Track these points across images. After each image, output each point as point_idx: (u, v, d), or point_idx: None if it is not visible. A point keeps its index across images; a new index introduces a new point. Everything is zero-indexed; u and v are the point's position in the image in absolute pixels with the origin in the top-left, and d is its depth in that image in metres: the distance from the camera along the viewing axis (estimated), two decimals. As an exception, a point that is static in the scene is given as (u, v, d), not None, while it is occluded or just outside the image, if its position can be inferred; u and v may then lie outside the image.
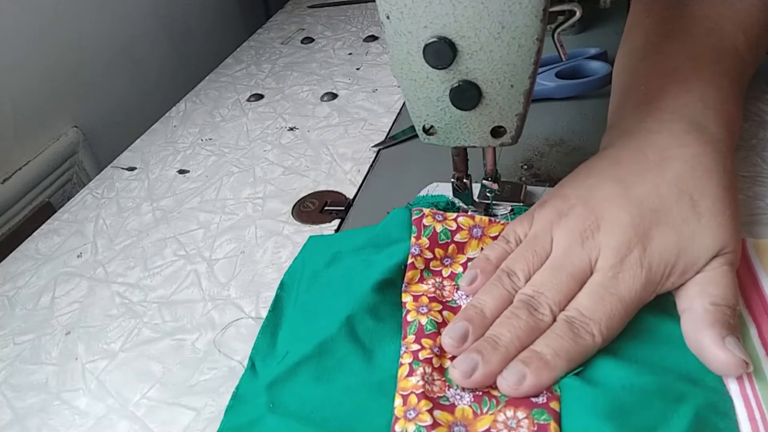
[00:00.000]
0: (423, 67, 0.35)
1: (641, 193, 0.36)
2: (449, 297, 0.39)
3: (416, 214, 0.42)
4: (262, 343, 0.38)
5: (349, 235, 0.45)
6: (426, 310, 0.37)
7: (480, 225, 0.41)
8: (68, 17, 0.73)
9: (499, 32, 0.33)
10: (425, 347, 0.34)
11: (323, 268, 0.42)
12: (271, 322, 0.40)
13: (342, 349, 0.36)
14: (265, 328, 0.39)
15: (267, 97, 0.71)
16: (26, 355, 0.42)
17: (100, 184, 0.60)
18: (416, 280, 0.40)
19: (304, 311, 0.39)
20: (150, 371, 0.39)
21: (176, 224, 0.52)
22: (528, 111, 0.37)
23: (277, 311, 0.41)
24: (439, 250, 0.41)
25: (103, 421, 0.37)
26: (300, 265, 0.43)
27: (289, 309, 0.40)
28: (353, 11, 0.92)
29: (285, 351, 0.37)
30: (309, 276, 0.42)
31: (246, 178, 0.57)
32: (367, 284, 0.39)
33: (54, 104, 0.72)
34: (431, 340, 0.35)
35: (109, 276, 0.48)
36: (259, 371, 0.36)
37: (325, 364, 0.35)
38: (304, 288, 0.41)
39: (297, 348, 0.36)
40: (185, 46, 0.95)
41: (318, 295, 0.40)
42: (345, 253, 0.42)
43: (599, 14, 0.74)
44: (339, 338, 0.36)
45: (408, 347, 0.35)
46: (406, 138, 0.58)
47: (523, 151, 0.53)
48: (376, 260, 0.41)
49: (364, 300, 0.38)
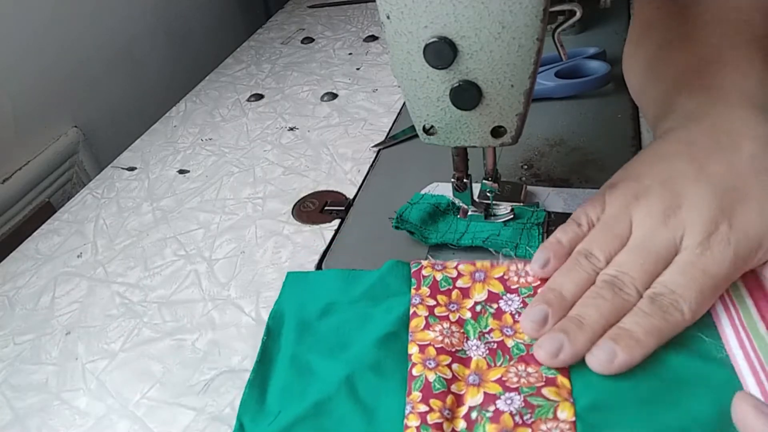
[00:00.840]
0: (423, 67, 0.35)
1: (718, 171, 0.36)
2: (459, 346, 0.36)
3: (415, 266, 0.41)
4: (250, 400, 0.35)
5: (335, 277, 0.42)
6: (434, 364, 0.35)
7: (482, 269, 0.40)
8: (68, 17, 0.73)
9: (499, 32, 0.33)
10: (434, 409, 0.32)
11: (315, 320, 0.39)
12: (259, 375, 0.37)
13: (341, 409, 0.33)
14: (252, 381, 0.36)
15: (267, 97, 0.71)
16: (26, 355, 0.42)
17: (100, 184, 0.60)
18: (421, 328, 0.37)
19: (295, 366, 0.37)
20: (150, 371, 0.39)
21: (176, 224, 0.52)
22: (528, 111, 0.37)
23: (265, 363, 0.37)
24: (442, 296, 0.39)
25: (103, 421, 0.37)
26: (285, 308, 0.41)
27: (279, 362, 0.38)
28: (353, 11, 0.92)
29: (277, 410, 0.34)
30: (299, 326, 0.39)
31: (246, 178, 0.57)
32: (367, 339, 0.37)
33: (54, 104, 0.72)
34: (440, 401, 0.33)
35: (109, 276, 0.48)
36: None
37: (323, 424, 0.33)
38: (293, 339, 0.38)
39: (290, 407, 0.34)
40: (185, 46, 0.95)
41: (311, 348, 0.38)
42: (339, 305, 0.40)
43: (599, 14, 0.74)
44: (338, 397, 0.34)
45: (414, 407, 0.33)
46: (406, 138, 0.58)
47: (523, 151, 0.53)
48: (373, 314, 0.39)
49: (365, 355, 0.36)
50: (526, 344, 0.35)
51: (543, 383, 0.32)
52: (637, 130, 0.53)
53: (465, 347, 0.36)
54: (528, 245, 0.42)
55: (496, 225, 0.44)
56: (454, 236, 0.44)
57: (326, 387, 0.35)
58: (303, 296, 0.41)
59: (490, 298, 0.39)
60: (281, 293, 0.42)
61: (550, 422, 0.30)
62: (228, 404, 0.36)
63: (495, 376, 0.33)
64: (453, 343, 0.36)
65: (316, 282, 0.42)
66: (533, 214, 0.44)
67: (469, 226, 0.45)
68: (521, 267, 0.40)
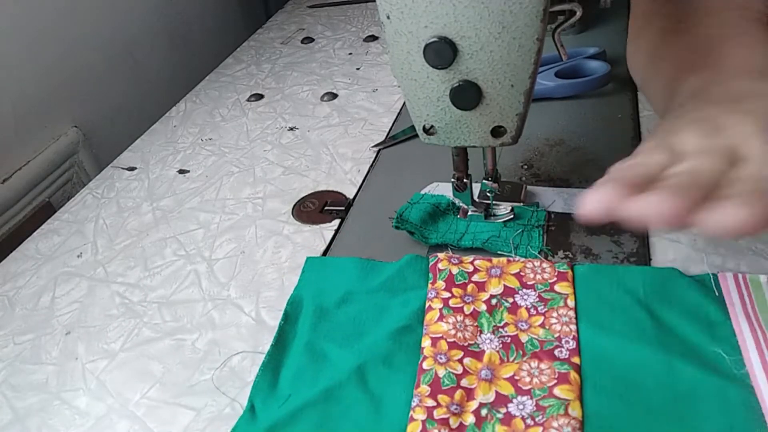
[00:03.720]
0: (423, 67, 0.35)
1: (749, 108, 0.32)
2: (471, 340, 0.36)
3: (432, 259, 0.41)
4: (263, 382, 0.36)
5: (354, 265, 0.43)
6: (445, 359, 0.35)
7: (498, 265, 0.40)
8: (68, 17, 0.73)
9: (499, 32, 0.33)
10: (441, 405, 0.32)
11: (333, 308, 0.40)
12: (273, 358, 0.37)
13: (350, 397, 0.34)
14: (266, 364, 0.37)
15: (267, 97, 0.71)
16: (26, 355, 0.42)
17: (100, 184, 0.60)
18: (435, 320, 0.37)
19: (310, 352, 0.37)
20: (150, 371, 0.39)
21: (176, 224, 0.52)
22: (528, 111, 0.37)
23: (280, 347, 0.38)
24: (457, 289, 0.39)
25: (103, 421, 0.36)
26: (303, 294, 0.42)
27: (294, 347, 0.38)
28: (353, 11, 0.92)
29: (287, 393, 0.35)
30: (316, 312, 0.40)
31: (246, 178, 0.57)
32: (381, 330, 0.37)
33: (54, 104, 0.72)
34: (448, 397, 0.33)
35: (109, 276, 0.48)
36: (259, 414, 0.34)
37: (330, 411, 0.34)
38: (310, 325, 0.39)
39: (301, 391, 0.35)
40: (185, 46, 0.95)
41: (326, 336, 0.38)
42: (357, 294, 0.41)
43: (599, 14, 0.74)
44: (348, 385, 0.34)
45: (422, 400, 0.33)
46: (406, 138, 0.58)
47: (523, 151, 0.53)
48: (390, 306, 0.39)
49: (378, 346, 0.36)
50: (540, 340, 0.35)
51: (555, 381, 0.32)
52: (637, 130, 0.53)
53: (478, 341, 0.36)
54: (529, 245, 0.42)
55: (496, 225, 0.44)
56: (455, 237, 0.44)
57: (337, 374, 0.35)
58: (322, 282, 0.42)
59: (506, 293, 0.39)
60: (300, 278, 0.43)
61: (561, 418, 0.31)
62: (228, 404, 0.36)
63: (507, 373, 0.34)
64: (466, 337, 0.36)
65: (335, 268, 0.43)
66: (533, 214, 0.44)
67: (469, 226, 0.45)
68: (537, 264, 0.40)
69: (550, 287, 0.38)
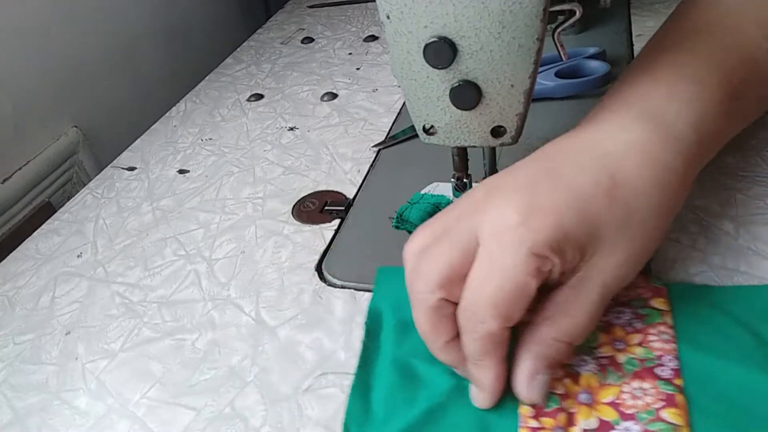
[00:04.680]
0: (423, 67, 0.35)
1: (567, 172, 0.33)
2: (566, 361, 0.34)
3: None
4: (355, 407, 0.34)
5: None
6: None
7: None
8: (68, 17, 0.73)
9: (499, 32, 0.33)
10: (546, 428, 0.31)
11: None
12: (361, 380, 0.35)
13: (455, 416, 0.32)
14: (355, 388, 0.35)
15: (267, 97, 0.71)
16: (26, 355, 0.42)
17: (100, 184, 0.60)
18: None
19: (399, 370, 0.35)
20: (150, 371, 0.39)
21: (176, 224, 0.52)
22: (528, 111, 0.37)
23: (366, 367, 0.36)
24: None
25: (103, 421, 0.37)
26: (381, 306, 0.39)
27: (380, 365, 0.36)
28: (353, 11, 0.92)
29: (383, 416, 0.33)
30: (397, 326, 0.37)
31: (246, 178, 0.57)
32: None
33: (54, 104, 0.72)
34: (552, 420, 0.31)
35: (109, 276, 0.48)
36: None
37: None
38: (393, 341, 0.37)
39: (398, 413, 0.33)
40: (185, 46, 0.95)
41: (413, 352, 0.36)
42: None
43: (599, 14, 0.74)
44: (450, 405, 0.33)
45: (525, 422, 0.31)
46: (406, 138, 0.58)
47: (523, 151, 0.52)
48: None
49: None
50: (639, 359, 0.33)
51: (663, 403, 0.30)
52: (637, 130, 0.53)
53: (573, 362, 0.33)
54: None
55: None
56: (454, 236, 0.44)
57: (436, 394, 0.33)
58: (398, 294, 0.38)
59: None
60: (375, 291, 0.40)
61: None
62: (228, 404, 0.36)
63: (608, 396, 0.31)
64: None
65: None
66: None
67: (469, 226, 0.44)
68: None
69: (645, 303, 0.36)
